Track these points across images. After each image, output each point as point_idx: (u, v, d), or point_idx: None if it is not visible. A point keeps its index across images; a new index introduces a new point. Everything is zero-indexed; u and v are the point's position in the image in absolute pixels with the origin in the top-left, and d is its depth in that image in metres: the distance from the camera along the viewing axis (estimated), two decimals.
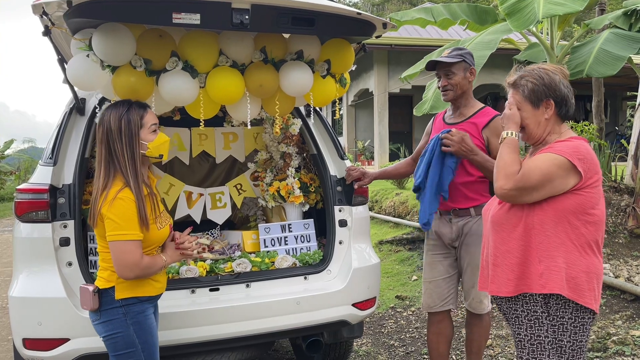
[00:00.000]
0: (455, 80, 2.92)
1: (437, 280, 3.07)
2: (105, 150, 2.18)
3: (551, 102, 2.11)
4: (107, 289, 2.16)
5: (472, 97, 3.03)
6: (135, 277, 2.13)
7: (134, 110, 2.21)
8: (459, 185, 2.93)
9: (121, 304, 2.16)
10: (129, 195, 2.11)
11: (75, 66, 2.41)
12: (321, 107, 3.08)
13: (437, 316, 3.10)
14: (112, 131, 2.17)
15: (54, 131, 2.99)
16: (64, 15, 2.22)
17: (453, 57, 2.93)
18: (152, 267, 2.18)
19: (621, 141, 8.41)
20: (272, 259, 3.15)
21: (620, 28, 5.26)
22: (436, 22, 6.29)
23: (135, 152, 2.17)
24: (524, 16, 4.35)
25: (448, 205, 2.98)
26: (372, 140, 16.20)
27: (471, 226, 2.94)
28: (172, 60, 2.45)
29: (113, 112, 2.21)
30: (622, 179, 6.67)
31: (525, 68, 2.20)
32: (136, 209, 2.11)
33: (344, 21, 2.50)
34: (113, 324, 2.16)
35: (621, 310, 4.43)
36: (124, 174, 2.15)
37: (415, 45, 13.78)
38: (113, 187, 2.13)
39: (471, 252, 2.94)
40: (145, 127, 2.21)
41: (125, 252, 2.08)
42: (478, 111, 2.97)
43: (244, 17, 2.23)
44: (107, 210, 2.09)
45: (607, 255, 5.37)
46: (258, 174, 3.79)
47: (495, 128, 2.86)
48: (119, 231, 2.08)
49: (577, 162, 1.98)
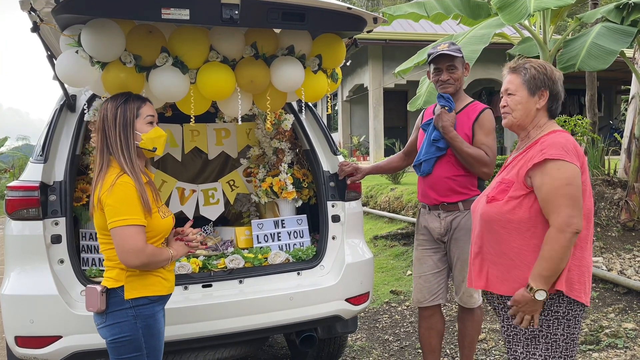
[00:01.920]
0: (457, 75, 2.97)
1: (427, 275, 3.08)
2: (101, 138, 2.16)
3: (546, 93, 2.13)
4: (116, 288, 2.08)
5: (462, 91, 3.07)
6: (142, 265, 2.05)
7: (132, 100, 2.20)
8: (446, 179, 2.95)
9: (131, 304, 2.07)
10: (127, 180, 2.06)
11: (64, 62, 2.39)
12: (315, 103, 3.07)
13: (427, 311, 3.12)
14: (108, 119, 2.15)
15: (45, 128, 2.98)
16: (52, 11, 2.20)
17: (455, 51, 2.94)
18: (158, 257, 2.11)
19: (614, 135, 8.45)
20: (265, 255, 3.15)
21: (612, 22, 5.27)
22: (429, 17, 6.27)
23: (129, 141, 2.14)
24: (515, 10, 4.35)
25: (437, 200, 3.00)
26: (367, 136, 16.21)
27: (459, 221, 2.95)
28: (162, 56, 2.44)
29: (111, 101, 2.20)
30: (616, 173, 6.70)
31: (530, 59, 2.23)
32: (137, 194, 2.06)
33: (335, 16, 2.49)
34: (121, 327, 2.06)
35: (614, 304, 4.45)
36: (120, 161, 2.10)
37: (409, 40, 13.78)
38: (109, 173, 2.09)
39: (460, 246, 2.96)
40: (140, 117, 2.18)
41: (128, 237, 2.01)
42: (468, 104, 3.02)
43: (233, 12, 2.22)
44: (107, 197, 2.03)
45: (600, 248, 5.40)
46: (251, 169, 3.78)
47: (483, 121, 2.93)
48: (120, 217, 2.01)
49: (576, 160, 2.00)
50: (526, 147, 2.14)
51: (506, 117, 2.20)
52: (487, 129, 2.93)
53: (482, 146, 2.90)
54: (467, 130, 2.93)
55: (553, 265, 1.95)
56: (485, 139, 2.92)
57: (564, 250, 1.94)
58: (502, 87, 2.22)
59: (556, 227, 1.95)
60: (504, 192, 2.11)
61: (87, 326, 2.49)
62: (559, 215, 1.95)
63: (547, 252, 1.96)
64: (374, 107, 15.00)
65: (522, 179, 2.07)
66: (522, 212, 2.05)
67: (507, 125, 2.23)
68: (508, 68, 2.21)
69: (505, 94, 2.20)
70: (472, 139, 2.93)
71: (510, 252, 2.08)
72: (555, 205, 1.97)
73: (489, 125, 2.94)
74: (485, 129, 2.93)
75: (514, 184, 2.09)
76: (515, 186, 2.08)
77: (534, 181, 2.04)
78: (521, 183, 2.07)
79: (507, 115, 2.20)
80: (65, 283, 2.68)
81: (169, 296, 2.27)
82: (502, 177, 2.18)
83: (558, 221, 1.95)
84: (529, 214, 2.04)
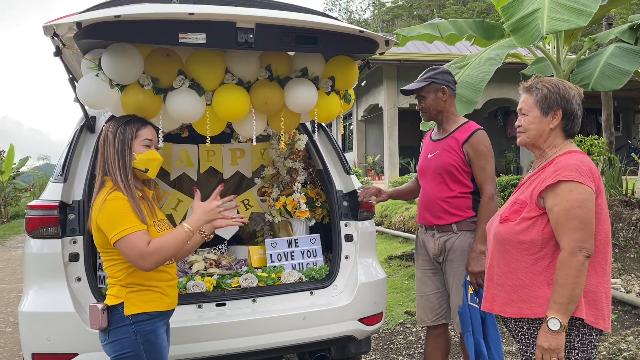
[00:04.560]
0: (427, 103, 3.00)
1: (428, 295, 3.08)
2: (100, 158, 2.22)
3: (559, 113, 2.11)
4: (116, 305, 2.11)
5: (453, 113, 3.04)
6: (155, 264, 2.04)
7: (132, 122, 2.26)
8: (439, 201, 2.94)
9: (131, 321, 2.10)
10: (118, 195, 2.10)
11: (85, 85, 2.47)
12: (329, 123, 3.11)
13: (435, 330, 3.09)
14: (107, 138, 2.21)
15: (65, 148, 3.06)
16: (74, 37, 2.28)
17: (421, 81, 3.00)
18: (166, 244, 2.06)
19: (631, 155, 8.36)
20: (279, 274, 3.16)
21: (626, 42, 5.26)
22: (442, 38, 6.34)
23: (126, 160, 2.18)
24: (528, 32, 4.37)
25: (430, 221, 3.00)
26: (382, 155, 16.22)
27: (453, 242, 2.93)
28: (179, 79, 2.51)
29: (113, 122, 2.27)
30: (634, 193, 6.62)
31: (545, 78, 2.22)
32: (129, 205, 2.08)
33: (347, 39, 2.54)
34: (122, 343, 2.09)
35: (632, 326, 4.37)
36: (115, 177, 2.14)
37: (424, 60, 13.82)
38: (101, 192, 2.13)
39: (455, 268, 2.93)
40: (138, 139, 2.23)
41: (132, 245, 2.01)
42: (460, 126, 2.99)
43: (248, 36, 2.28)
44: (100, 216, 2.05)
45: (619, 270, 5.31)
46: (265, 189, 3.82)
47: (474, 143, 2.89)
48: (118, 229, 2.02)
49: (590, 182, 1.98)
50: (541, 167, 2.13)
51: (520, 136, 2.21)
52: (481, 153, 2.88)
53: (480, 173, 2.88)
54: (458, 150, 2.91)
55: (567, 291, 1.91)
56: (483, 164, 2.89)
57: (577, 274, 1.92)
58: (518, 106, 2.24)
59: (567, 250, 1.94)
60: (517, 212, 2.11)
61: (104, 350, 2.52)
62: (570, 238, 1.94)
63: (560, 277, 1.93)
64: (388, 126, 15.04)
65: (535, 200, 2.06)
66: (535, 234, 2.04)
67: (521, 144, 2.23)
68: (523, 87, 2.22)
69: (520, 114, 2.21)
70: (467, 162, 2.90)
71: (520, 272, 2.07)
72: (566, 228, 1.95)
73: (483, 149, 2.89)
74: (480, 153, 2.88)
75: (527, 205, 2.08)
76: (529, 207, 2.07)
77: (546, 202, 2.03)
78: (534, 204, 2.06)
79: (521, 135, 2.21)
80: (82, 301, 2.72)
81: (171, 312, 2.29)
82: (516, 197, 2.17)
83: (570, 244, 1.94)
84: (541, 236, 2.03)
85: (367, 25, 47.03)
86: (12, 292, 7.39)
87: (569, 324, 1.98)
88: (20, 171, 20.99)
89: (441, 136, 3.04)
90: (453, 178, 2.92)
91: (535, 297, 2.03)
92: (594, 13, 4.37)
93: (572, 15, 4.29)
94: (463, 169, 2.91)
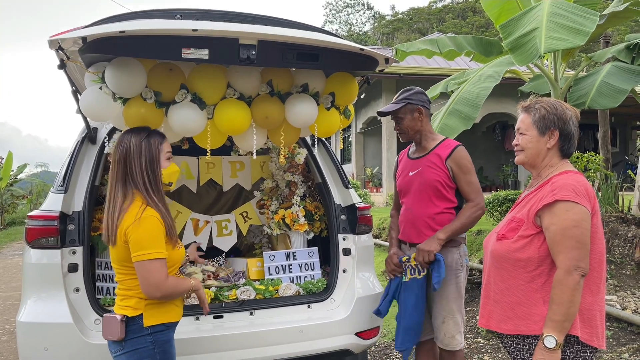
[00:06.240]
0: (405, 124, 3.02)
1: None
2: (122, 170, 2.20)
3: (556, 133, 2.15)
4: (135, 316, 2.14)
5: (430, 131, 3.07)
6: (162, 296, 2.12)
7: (154, 136, 2.27)
8: (425, 218, 2.95)
9: (150, 331, 2.13)
10: (153, 213, 2.12)
11: (88, 98, 2.50)
12: (328, 137, 3.14)
13: (425, 345, 3.10)
14: (132, 152, 2.19)
15: (66, 159, 3.08)
16: (79, 50, 2.32)
17: (396, 103, 3.03)
18: (178, 287, 2.18)
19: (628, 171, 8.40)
20: (276, 287, 3.18)
21: (623, 61, 5.32)
22: (441, 54, 6.39)
23: (157, 174, 2.21)
24: (526, 51, 4.42)
25: (413, 240, 2.99)
26: (380, 167, 16.27)
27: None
28: (181, 93, 2.54)
29: (134, 135, 2.24)
30: (630, 210, 6.65)
31: (543, 98, 2.27)
32: (163, 227, 2.13)
33: (348, 56, 2.58)
34: (139, 353, 2.12)
35: (628, 343, 4.38)
36: (145, 194, 2.16)
37: (423, 74, 13.94)
38: (133, 205, 2.14)
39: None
40: (162, 153, 2.27)
41: (153, 270, 2.06)
42: (440, 143, 3.02)
43: (250, 52, 2.31)
44: (133, 231, 2.07)
45: (614, 286, 5.33)
46: (264, 202, 3.85)
47: (457, 158, 2.92)
48: (145, 250, 2.06)
49: (586, 202, 2.00)
50: (538, 186, 2.16)
51: (518, 155, 2.25)
52: (466, 168, 2.92)
53: (467, 188, 2.91)
54: (441, 165, 2.94)
55: (563, 309, 1.94)
56: (469, 179, 2.92)
57: (572, 293, 1.94)
58: (516, 125, 2.28)
59: (563, 269, 1.97)
60: (514, 230, 2.14)
61: (100, 355, 2.53)
62: (565, 257, 1.97)
63: (556, 295, 1.96)
64: (387, 139, 15.11)
65: (532, 219, 2.09)
66: (532, 252, 2.07)
67: (519, 163, 2.27)
68: (521, 107, 2.26)
69: (518, 133, 2.25)
70: (451, 177, 2.92)
71: (516, 289, 2.09)
72: (562, 247, 1.98)
73: (466, 163, 2.93)
74: (464, 168, 2.92)
75: (524, 223, 2.11)
76: (526, 225, 2.10)
77: (543, 221, 2.05)
78: (531, 222, 2.08)
79: (519, 153, 2.25)
80: (80, 311, 2.73)
81: (178, 322, 2.33)
82: (514, 214, 2.20)
83: (566, 263, 1.96)
84: (538, 254, 2.06)
85: (367, 38, 47.28)
86: (7, 300, 7.37)
87: (564, 342, 2.00)
88: (18, 178, 20.98)
89: (421, 154, 3.05)
90: (438, 194, 2.93)
91: (531, 314, 2.05)
92: (591, 32, 4.42)
93: (569, 35, 4.34)
94: (448, 184, 2.93)
